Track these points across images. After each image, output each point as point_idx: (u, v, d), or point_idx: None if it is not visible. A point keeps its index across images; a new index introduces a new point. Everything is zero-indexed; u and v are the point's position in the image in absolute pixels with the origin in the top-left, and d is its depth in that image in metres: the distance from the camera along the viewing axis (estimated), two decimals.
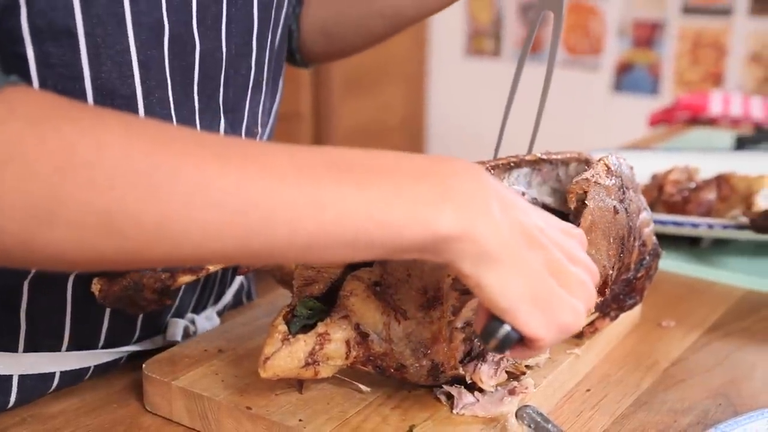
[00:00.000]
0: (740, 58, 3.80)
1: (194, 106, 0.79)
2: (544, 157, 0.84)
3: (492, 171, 0.78)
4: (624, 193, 0.79)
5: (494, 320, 0.59)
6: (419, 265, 0.69)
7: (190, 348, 0.81)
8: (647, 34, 4.00)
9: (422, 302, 0.69)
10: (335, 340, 0.68)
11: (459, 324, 0.71)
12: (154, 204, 0.48)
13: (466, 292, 0.70)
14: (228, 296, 0.98)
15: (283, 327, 0.68)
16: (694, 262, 1.17)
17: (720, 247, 1.24)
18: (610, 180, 0.78)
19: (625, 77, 4.08)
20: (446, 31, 4.36)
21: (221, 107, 0.82)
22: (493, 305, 0.57)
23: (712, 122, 2.18)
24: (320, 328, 0.68)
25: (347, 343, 0.69)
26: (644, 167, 1.27)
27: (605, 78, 4.11)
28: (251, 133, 0.88)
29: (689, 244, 1.23)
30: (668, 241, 1.23)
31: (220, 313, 0.96)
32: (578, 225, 0.73)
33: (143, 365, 0.77)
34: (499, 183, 0.59)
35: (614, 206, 0.77)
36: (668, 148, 1.80)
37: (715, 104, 2.22)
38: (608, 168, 0.78)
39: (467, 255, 0.55)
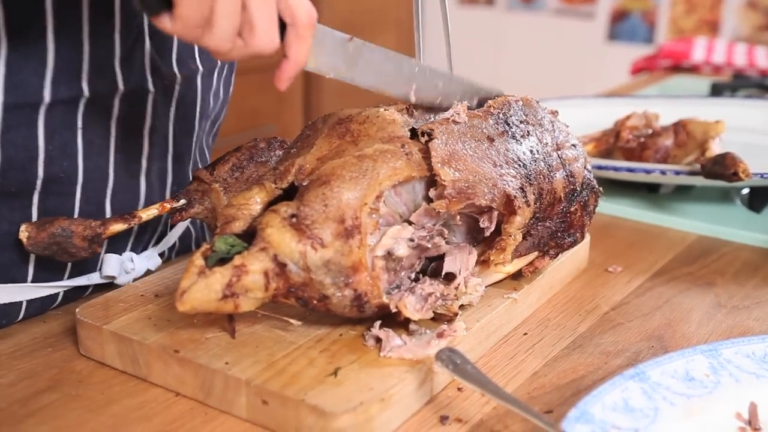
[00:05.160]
0: (736, 5, 3.75)
1: None
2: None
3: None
4: (510, 125, 0.83)
5: None
6: (336, 196, 0.70)
7: (126, 293, 0.82)
8: None
9: (340, 231, 0.70)
10: (253, 272, 0.69)
11: (379, 252, 0.72)
12: None
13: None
14: (172, 238, 0.98)
15: (200, 261, 0.69)
16: (652, 209, 1.17)
17: (679, 193, 1.24)
18: (481, 119, 0.82)
19: (620, 26, 4.03)
20: None
21: None
22: None
23: (694, 69, 2.16)
24: (237, 260, 0.69)
25: (266, 274, 0.69)
26: (619, 114, 1.27)
27: (600, 27, 4.07)
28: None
29: (648, 191, 1.23)
30: (627, 188, 1.23)
31: (163, 256, 0.96)
32: (432, 158, 0.76)
33: (77, 309, 0.78)
34: None
35: (488, 136, 0.81)
36: (636, 95, 1.79)
37: (697, 51, 2.20)
38: (485, 107, 0.84)
39: None
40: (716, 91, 1.79)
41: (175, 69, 0.89)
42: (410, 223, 0.76)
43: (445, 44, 0.91)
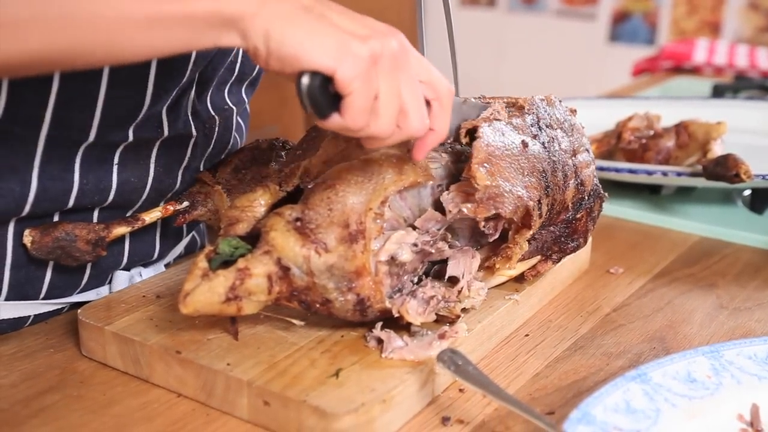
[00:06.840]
0: (738, 6, 3.74)
1: None
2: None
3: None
4: (541, 129, 0.82)
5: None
6: (341, 200, 0.70)
7: (128, 294, 0.82)
8: None
9: (345, 236, 0.70)
10: (256, 275, 0.69)
11: (383, 257, 0.72)
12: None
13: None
14: (179, 248, 0.99)
15: (203, 264, 0.69)
16: (654, 210, 1.17)
17: (681, 195, 1.24)
18: (519, 118, 0.81)
19: (622, 27, 4.03)
20: None
21: None
22: (291, 57, 0.61)
23: (695, 71, 2.16)
24: (240, 263, 0.69)
25: (269, 277, 0.70)
26: (620, 115, 1.27)
27: (601, 28, 4.07)
28: None
29: (650, 192, 1.23)
30: (629, 189, 1.23)
31: (169, 265, 0.96)
32: (471, 159, 0.75)
33: (78, 310, 0.78)
34: None
35: (522, 140, 0.79)
36: (638, 97, 1.79)
37: (699, 53, 2.20)
38: (517, 106, 0.82)
39: (260, 30, 0.60)
40: (718, 92, 1.79)
41: (212, 112, 0.90)
42: (414, 227, 0.76)
43: (449, 46, 0.90)
